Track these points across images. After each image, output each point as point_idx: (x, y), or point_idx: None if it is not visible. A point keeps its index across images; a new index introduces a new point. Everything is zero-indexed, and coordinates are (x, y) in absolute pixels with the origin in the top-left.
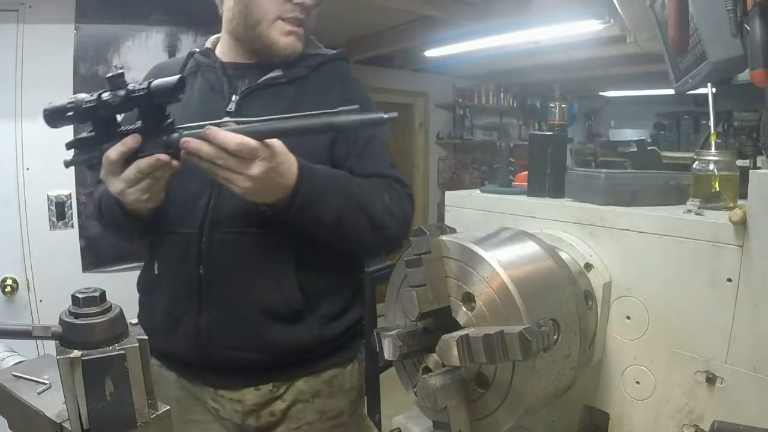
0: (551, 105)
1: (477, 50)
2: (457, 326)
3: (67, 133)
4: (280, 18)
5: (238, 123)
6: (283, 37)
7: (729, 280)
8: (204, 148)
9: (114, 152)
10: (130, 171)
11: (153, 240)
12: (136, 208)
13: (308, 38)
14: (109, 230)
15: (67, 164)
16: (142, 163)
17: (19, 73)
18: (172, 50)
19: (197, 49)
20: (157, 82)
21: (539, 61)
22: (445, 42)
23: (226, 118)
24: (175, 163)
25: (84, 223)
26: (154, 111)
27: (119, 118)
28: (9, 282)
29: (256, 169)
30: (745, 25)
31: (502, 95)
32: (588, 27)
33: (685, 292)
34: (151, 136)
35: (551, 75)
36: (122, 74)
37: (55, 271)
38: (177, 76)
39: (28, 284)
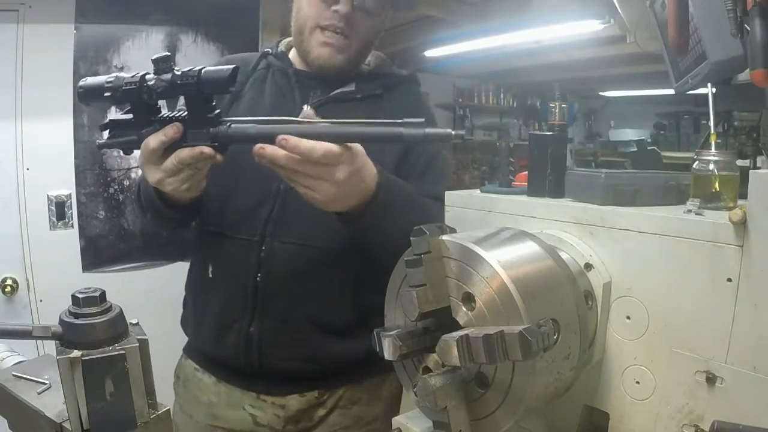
0: (551, 105)
1: (477, 50)
2: (457, 326)
3: (66, 133)
4: (319, 26)
5: (308, 123)
6: (318, 47)
7: (729, 280)
8: (280, 155)
9: (154, 141)
10: (170, 161)
11: (207, 242)
12: (177, 197)
13: (379, 56)
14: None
15: (100, 146)
16: (183, 153)
17: (19, 73)
18: (172, 50)
19: (270, 50)
20: (208, 70)
21: (539, 61)
22: (445, 42)
23: (302, 115)
24: (219, 157)
25: (84, 223)
26: (201, 100)
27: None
28: (9, 282)
29: (341, 173)
30: (745, 25)
31: (502, 95)
32: (588, 27)
33: (685, 292)
34: (195, 126)
35: (551, 75)
36: (169, 57)
37: (55, 271)
38: (231, 66)
39: (28, 284)
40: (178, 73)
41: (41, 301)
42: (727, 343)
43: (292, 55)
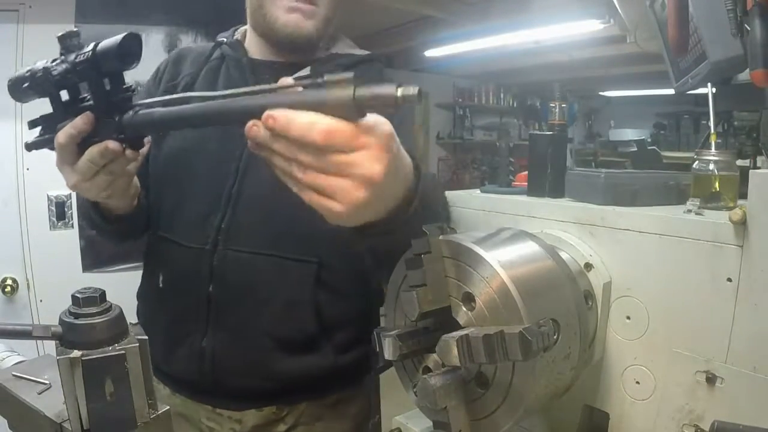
0: (551, 105)
1: (477, 50)
2: (457, 326)
3: None
4: None
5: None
6: (284, 13)
7: (729, 280)
8: (264, 137)
9: (63, 136)
10: (83, 161)
11: (158, 249)
12: (110, 207)
13: (338, 35)
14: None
15: (28, 147)
16: (93, 151)
17: None
18: (171, 50)
19: (225, 39)
20: (103, 44)
21: (539, 61)
22: (445, 42)
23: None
24: (129, 153)
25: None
26: (103, 83)
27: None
28: (9, 282)
29: (368, 166)
30: (745, 25)
31: (502, 95)
32: (588, 27)
33: (685, 292)
34: (106, 115)
35: (551, 75)
36: (76, 33)
37: (55, 271)
38: (122, 35)
39: (28, 284)
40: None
41: (41, 301)
42: (727, 343)
43: (248, 43)
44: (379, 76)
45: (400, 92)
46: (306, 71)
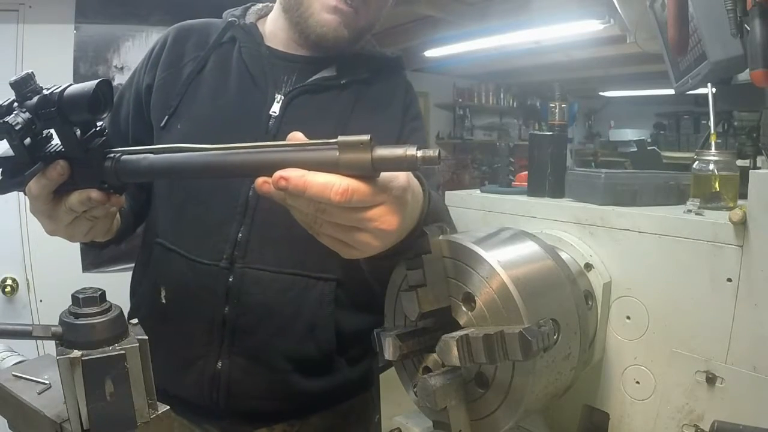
0: (551, 105)
1: (477, 50)
2: (457, 326)
3: None
4: None
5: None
6: (323, 12)
7: (729, 280)
8: (282, 195)
9: (36, 187)
10: (62, 210)
11: (159, 258)
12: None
13: (367, 37)
14: None
15: None
16: (72, 199)
17: (19, 73)
18: None
19: (236, 19)
20: (70, 92)
21: (539, 61)
22: (445, 42)
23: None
24: (116, 199)
25: None
26: (73, 130)
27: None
28: (9, 282)
29: (382, 221)
30: (745, 25)
31: (502, 95)
32: (588, 27)
33: (685, 292)
34: (82, 161)
35: (551, 75)
36: (30, 77)
37: (55, 271)
38: (94, 83)
39: (28, 284)
40: (42, 97)
41: (41, 301)
42: (727, 343)
43: (267, 27)
44: (404, 84)
45: (420, 154)
46: (332, 71)
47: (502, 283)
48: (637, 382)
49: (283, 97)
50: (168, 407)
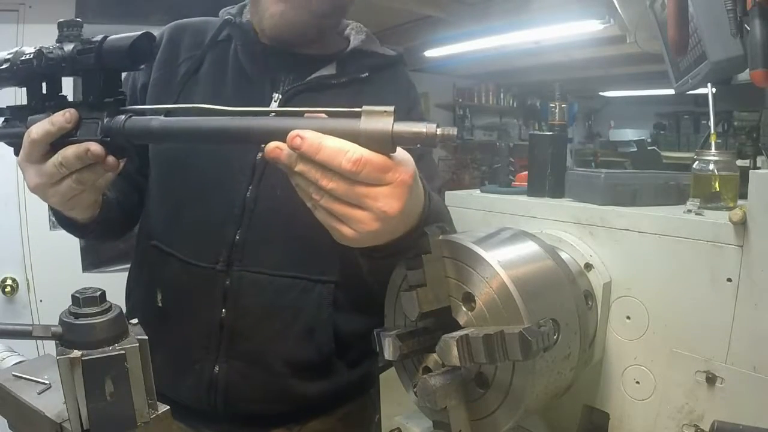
0: (551, 105)
1: (477, 50)
2: (457, 326)
3: None
4: None
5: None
6: (272, 4)
7: (729, 280)
8: (291, 160)
9: (38, 130)
10: (52, 163)
11: (154, 261)
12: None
13: (361, 29)
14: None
15: None
16: (68, 152)
17: None
18: None
19: (232, 17)
20: (113, 39)
21: (539, 61)
22: (445, 42)
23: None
24: (111, 160)
25: None
26: (102, 79)
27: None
28: (9, 282)
29: (387, 203)
30: (745, 25)
31: (502, 95)
32: (588, 27)
33: (685, 292)
34: (92, 114)
35: (551, 75)
36: (79, 23)
37: (55, 271)
38: (138, 33)
39: (28, 284)
40: (82, 39)
41: (41, 301)
42: (727, 343)
43: (263, 26)
44: (409, 80)
45: (439, 131)
46: (332, 69)
47: (502, 283)
48: (637, 382)
49: (280, 97)
50: (168, 407)
